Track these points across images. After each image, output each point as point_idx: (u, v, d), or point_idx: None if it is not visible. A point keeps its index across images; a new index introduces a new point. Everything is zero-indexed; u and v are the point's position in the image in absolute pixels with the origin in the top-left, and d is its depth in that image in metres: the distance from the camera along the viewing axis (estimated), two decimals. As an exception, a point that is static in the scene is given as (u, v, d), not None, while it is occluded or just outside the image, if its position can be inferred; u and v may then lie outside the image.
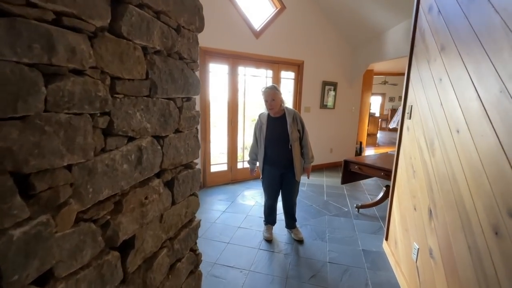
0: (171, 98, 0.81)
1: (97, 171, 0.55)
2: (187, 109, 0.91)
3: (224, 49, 3.71)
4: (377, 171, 2.59)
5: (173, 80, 0.81)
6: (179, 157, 0.89)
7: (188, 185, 0.97)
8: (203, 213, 3.04)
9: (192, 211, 1.03)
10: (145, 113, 0.69)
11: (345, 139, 5.52)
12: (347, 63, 5.12)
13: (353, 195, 3.75)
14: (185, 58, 0.88)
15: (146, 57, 0.69)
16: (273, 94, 2.22)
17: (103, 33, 0.54)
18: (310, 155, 2.34)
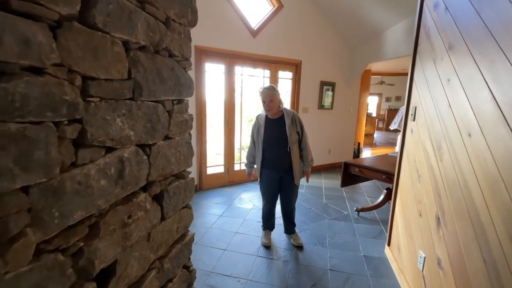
0: (159, 100, 0.72)
1: (65, 191, 0.45)
2: (178, 112, 0.82)
3: (220, 48, 3.60)
4: (379, 174, 2.52)
5: (162, 80, 0.71)
6: (169, 167, 0.79)
7: (180, 197, 0.87)
8: (199, 217, 2.94)
9: (185, 225, 0.93)
10: (128, 118, 0.59)
11: (343, 140, 5.45)
12: (345, 63, 5.06)
13: (353, 197, 3.68)
14: (176, 55, 0.78)
15: (128, 53, 0.59)
16: (271, 94, 2.13)
17: (71, 23, 0.44)
18: (309, 158, 2.25)
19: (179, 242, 0.89)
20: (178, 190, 0.85)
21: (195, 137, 3.62)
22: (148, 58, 0.65)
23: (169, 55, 0.75)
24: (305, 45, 4.43)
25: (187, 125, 0.87)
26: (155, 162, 0.72)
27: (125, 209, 0.61)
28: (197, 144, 3.65)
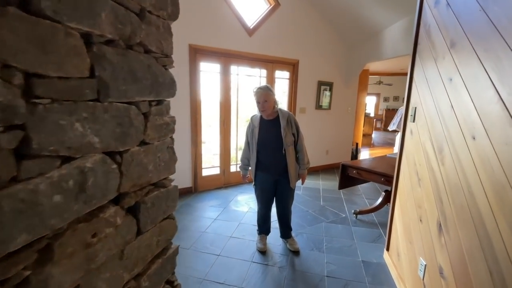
0: (132, 102, 0.64)
1: (2, 212, 0.38)
2: (157, 115, 0.74)
3: (215, 47, 3.52)
4: (377, 176, 2.45)
5: (135, 79, 0.63)
6: (146, 175, 0.71)
7: (161, 207, 0.79)
8: (193, 221, 2.85)
9: (167, 237, 0.85)
10: (91, 123, 0.52)
11: (341, 140, 5.39)
12: (343, 62, 4.99)
13: (351, 199, 3.61)
14: (154, 51, 0.70)
15: (91, 47, 0.51)
16: (266, 95, 2.05)
17: (6, 8, 0.36)
18: (305, 161, 2.18)
19: (160, 256, 0.82)
20: (158, 200, 0.77)
21: (189, 137, 3.54)
22: (118, 53, 0.58)
23: (145, 51, 0.67)
24: (302, 45, 4.36)
25: (168, 128, 0.80)
26: (128, 171, 0.64)
27: (88, 227, 0.53)
28: (191, 145, 3.57)
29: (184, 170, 3.59)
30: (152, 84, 0.69)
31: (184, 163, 3.57)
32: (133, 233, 0.68)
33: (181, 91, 3.39)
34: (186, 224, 2.77)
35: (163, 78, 0.74)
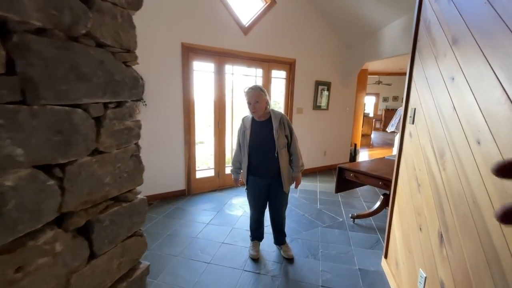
0: (77, 104, 0.54)
1: None
2: (116, 119, 0.64)
3: (209, 46, 3.42)
4: (375, 180, 2.35)
5: (82, 77, 0.53)
6: (101, 190, 0.61)
7: (123, 225, 0.69)
8: (184, 226, 2.75)
9: (132, 258, 0.75)
10: (10, 131, 0.42)
11: (339, 141, 5.29)
12: (341, 62, 4.89)
13: (348, 202, 3.51)
14: (110, 45, 0.60)
15: (9, 37, 0.41)
16: (257, 95, 1.95)
17: None
18: (299, 163, 2.08)
19: (124, 280, 0.71)
20: (119, 217, 0.67)
21: (182, 138, 3.43)
22: (55, 46, 0.48)
23: (97, 44, 0.57)
24: (299, 44, 4.26)
25: (132, 134, 0.69)
26: (75, 186, 0.54)
27: (10, 259, 0.43)
28: (184, 146, 3.47)
29: (177, 172, 3.49)
30: (106, 83, 0.59)
31: (177, 165, 3.46)
32: (84, 258, 0.58)
33: (174, 91, 3.28)
34: (177, 229, 2.67)
35: (122, 76, 0.63)
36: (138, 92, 0.70)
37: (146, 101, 3.08)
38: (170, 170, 3.42)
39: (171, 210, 3.13)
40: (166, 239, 2.47)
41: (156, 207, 3.19)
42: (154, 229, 2.66)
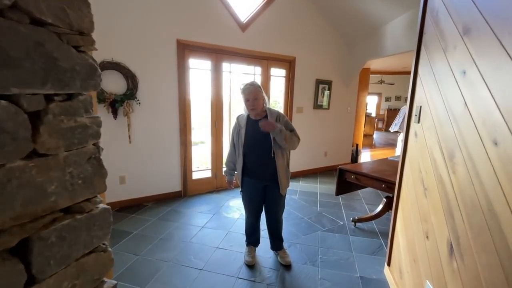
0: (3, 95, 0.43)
1: None
2: (63, 114, 0.53)
3: (205, 42, 3.31)
4: (377, 182, 2.23)
5: (6, 60, 0.42)
6: (43, 200, 0.50)
7: (79, 240, 0.58)
8: (178, 229, 2.64)
9: (92, 278, 0.64)
10: None
11: (341, 141, 5.16)
12: (343, 60, 4.76)
13: (350, 205, 3.39)
14: (52, 24, 0.49)
15: None
16: (256, 92, 1.84)
17: None
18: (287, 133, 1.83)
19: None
20: (72, 231, 0.56)
21: (177, 139, 3.33)
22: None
23: (33, 21, 0.46)
24: (299, 41, 4.14)
25: (88, 133, 0.58)
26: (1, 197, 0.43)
27: None
28: (180, 146, 3.36)
29: (173, 173, 3.38)
30: (47, 71, 0.48)
31: (172, 165, 3.36)
32: (19, 285, 0.47)
33: (169, 90, 3.18)
34: (171, 233, 2.56)
35: (71, 63, 0.52)
36: (96, 83, 0.59)
37: (140, 100, 2.98)
38: (165, 171, 3.32)
39: (166, 212, 3.02)
40: (159, 244, 2.37)
41: (150, 209, 3.09)
42: (146, 232, 2.56)
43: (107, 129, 2.85)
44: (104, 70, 2.73)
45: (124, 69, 2.83)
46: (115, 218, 2.82)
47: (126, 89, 2.88)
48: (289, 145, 1.85)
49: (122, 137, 2.95)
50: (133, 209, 3.03)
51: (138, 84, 2.95)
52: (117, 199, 3.04)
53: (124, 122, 2.92)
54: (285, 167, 1.95)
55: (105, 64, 2.72)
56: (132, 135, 3.00)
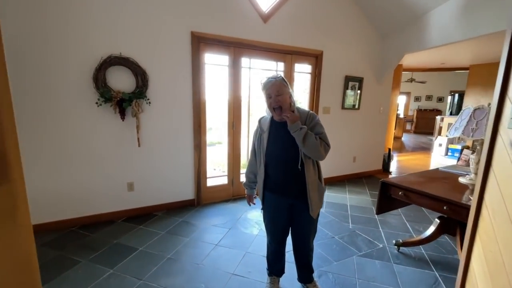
0: None
1: None
2: None
3: (223, 35, 2.97)
4: (436, 202, 1.74)
5: None
6: None
7: None
8: (188, 246, 2.30)
9: None
10: None
11: (371, 145, 4.62)
12: (376, 54, 4.24)
13: (387, 221, 2.89)
14: None
15: None
16: (279, 86, 1.44)
17: None
18: (313, 136, 1.43)
19: None
20: None
21: (191, 142, 3.01)
22: None
23: None
24: (327, 33, 3.69)
25: None
26: None
27: None
28: (194, 150, 3.03)
29: (186, 179, 3.07)
30: None
31: (185, 171, 3.04)
32: None
33: (182, 88, 2.86)
34: (179, 251, 2.23)
35: None
36: None
37: (150, 99, 2.69)
38: (177, 177, 3.00)
39: (176, 224, 2.70)
40: (165, 265, 2.04)
41: (160, 219, 2.78)
42: (152, 249, 2.24)
43: (114, 131, 2.58)
44: (111, 66, 2.46)
45: (133, 65, 2.55)
46: (121, 229, 2.54)
47: (135, 87, 2.59)
48: (308, 149, 1.41)
49: (130, 140, 2.67)
50: (141, 220, 2.74)
51: (149, 82, 2.66)
52: (124, 208, 2.77)
53: (132, 124, 2.63)
54: (317, 182, 1.53)
55: (112, 59, 2.45)
56: (141, 137, 2.71)
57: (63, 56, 2.29)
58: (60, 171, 2.43)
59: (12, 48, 2.11)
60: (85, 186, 2.55)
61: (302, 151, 1.44)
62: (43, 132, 2.33)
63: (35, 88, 2.24)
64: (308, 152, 1.44)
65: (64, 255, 2.11)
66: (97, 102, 2.43)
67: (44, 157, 2.36)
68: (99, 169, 2.59)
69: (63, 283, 1.81)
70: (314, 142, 1.41)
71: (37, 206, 2.37)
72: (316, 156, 1.45)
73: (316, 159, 1.50)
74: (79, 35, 2.31)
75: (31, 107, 2.25)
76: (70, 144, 2.44)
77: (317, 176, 1.54)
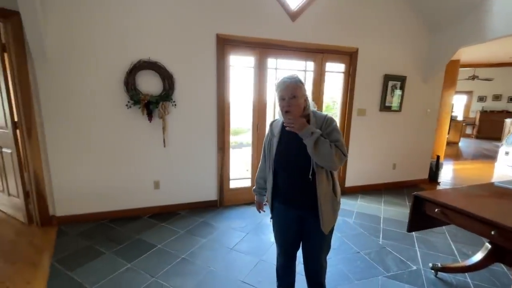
0: None
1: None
2: None
3: (249, 36, 2.93)
4: (482, 225, 1.43)
5: None
6: None
7: None
8: (203, 248, 2.31)
9: None
10: None
11: (415, 151, 4.13)
12: (423, 49, 3.77)
13: (427, 240, 2.53)
14: None
15: None
16: (294, 88, 1.32)
17: None
18: (328, 143, 1.26)
19: None
20: None
21: (215, 144, 3.03)
22: None
23: None
24: (364, 29, 3.40)
25: None
26: None
27: None
28: (218, 152, 3.06)
29: (209, 180, 3.11)
30: None
31: (208, 172, 3.09)
32: None
33: (207, 90, 2.91)
34: (195, 253, 2.24)
35: None
36: None
37: (176, 101, 2.78)
38: (201, 178, 3.06)
39: (197, 224, 2.74)
40: (178, 265, 2.07)
41: (182, 218, 2.86)
42: (170, 247, 2.30)
43: (142, 132, 2.73)
44: (140, 70, 2.61)
45: (160, 69, 2.66)
46: (146, 225, 2.67)
47: (162, 90, 2.70)
48: (320, 157, 1.25)
49: (157, 141, 2.79)
50: (165, 217, 2.85)
51: (175, 85, 2.75)
52: (151, 205, 2.91)
53: (159, 125, 2.75)
54: (331, 195, 1.37)
55: (142, 63, 2.59)
56: (167, 138, 2.82)
57: (98, 62, 2.49)
58: (95, 168, 2.66)
59: (57, 55, 2.36)
60: (117, 182, 2.75)
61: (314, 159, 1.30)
62: (87, 132, 2.56)
63: (76, 91, 2.48)
64: (320, 161, 1.29)
65: (92, 245, 2.29)
66: (127, 104, 2.59)
67: (83, 155, 2.60)
68: (129, 167, 2.76)
69: (87, 271, 1.95)
70: (328, 150, 1.26)
71: (77, 198, 2.63)
72: (329, 165, 1.30)
73: (329, 169, 1.35)
74: (113, 43, 2.49)
75: (71, 109, 2.50)
76: (105, 143, 2.64)
77: (331, 188, 1.38)
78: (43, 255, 2.15)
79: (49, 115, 2.45)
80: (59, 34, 2.34)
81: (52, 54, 2.35)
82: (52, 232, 2.49)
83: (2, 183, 2.79)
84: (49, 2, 2.25)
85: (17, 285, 1.82)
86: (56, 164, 2.54)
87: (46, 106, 2.42)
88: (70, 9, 2.33)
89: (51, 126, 2.47)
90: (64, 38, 2.36)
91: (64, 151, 2.54)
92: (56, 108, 2.45)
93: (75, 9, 2.34)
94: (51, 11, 2.27)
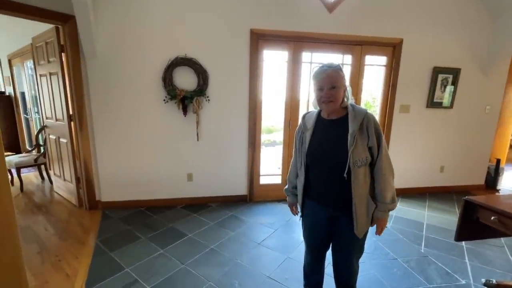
0: None
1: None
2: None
3: (283, 30, 2.88)
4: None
5: None
6: None
7: None
8: (231, 241, 2.34)
9: None
10: None
11: (468, 153, 3.68)
12: (482, 38, 3.33)
13: (479, 252, 2.23)
14: None
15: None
16: (335, 78, 1.22)
17: None
18: (388, 197, 1.24)
19: None
20: None
21: (246, 139, 3.05)
22: None
23: None
24: (409, 16, 3.11)
25: None
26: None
27: None
28: (248, 148, 3.07)
29: (239, 175, 3.14)
30: None
31: (239, 167, 3.11)
32: None
33: (239, 85, 2.93)
34: (223, 244, 2.28)
35: None
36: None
37: (209, 97, 2.85)
38: (232, 172, 3.10)
39: (226, 217, 2.79)
40: (207, 255, 2.12)
41: (213, 210, 2.93)
42: (200, 237, 2.37)
43: (178, 125, 2.85)
44: (177, 67, 2.72)
45: (195, 65, 2.75)
46: (179, 215, 2.80)
47: (197, 86, 2.79)
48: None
49: (191, 134, 2.90)
50: (197, 208, 2.95)
51: (208, 80, 2.82)
52: (185, 196, 3.04)
53: (193, 119, 2.85)
54: (367, 196, 1.26)
55: (179, 60, 2.70)
56: (200, 132, 2.91)
57: (142, 60, 2.66)
58: (135, 159, 2.86)
59: (106, 54, 2.58)
60: (154, 173, 2.92)
61: (351, 156, 1.21)
62: (129, 125, 2.77)
63: (121, 87, 2.68)
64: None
65: (131, 230, 2.47)
66: (164, 99, 2.73)
67: (125, 147, 2.81)
68: (165, 159, 2.91)
69: (123, 253, 2.11)
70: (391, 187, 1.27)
71: (119, 186, 2.86)
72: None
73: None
74: (155, 41, 2.64)
75: (116, 103, 2.71)
76: (144, 136, 2.83)
77: (368, 188, 1.27)
78: (90, 235, 2.38)
79: (97, 109, 2.69)
80: (108, 35, 2.55)
81: (101, 53, 2.57)
82: (97, 215, 2.74)
83: (60, 169, 3.15)
84: (100, 7, 2.47)
85: (67, 259, 2.03)
86: (102, 153, 2.79)
87: (94, 101, 2.67)
88: (119, 13, 2.52)
89: (99, 119, 2.71)
90: (112, 38, 2.57)
91: (109, 142, 2.78)
92: (103, 103, 2.68)
93: (124, 14, 2.53)
94: (102, 15, 2.49)
